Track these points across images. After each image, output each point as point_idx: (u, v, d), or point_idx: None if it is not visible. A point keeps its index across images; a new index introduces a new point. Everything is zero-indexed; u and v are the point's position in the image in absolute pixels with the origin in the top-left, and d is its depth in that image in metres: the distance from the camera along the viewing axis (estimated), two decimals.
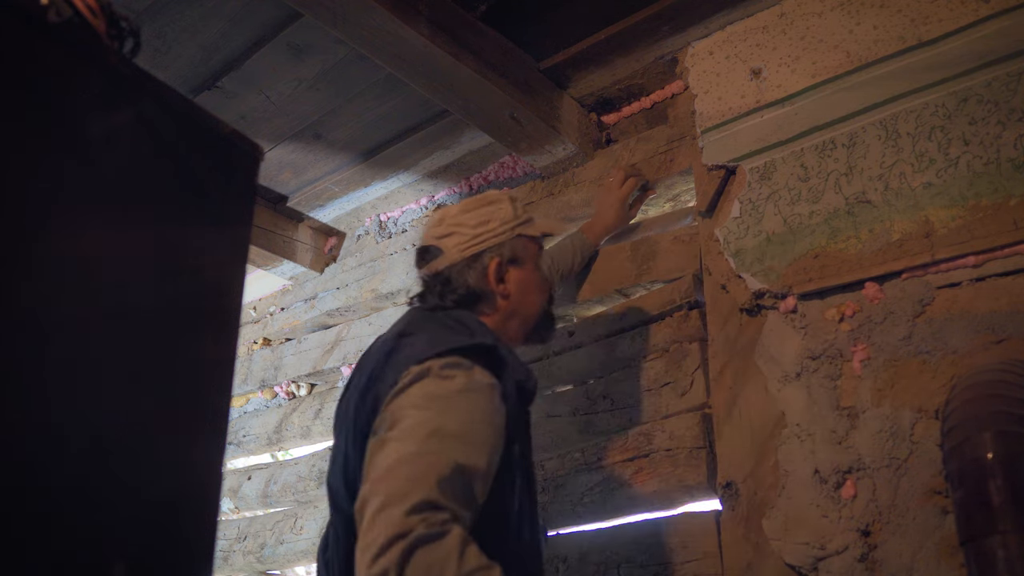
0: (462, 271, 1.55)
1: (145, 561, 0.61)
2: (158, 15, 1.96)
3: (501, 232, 1.58)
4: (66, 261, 0.60)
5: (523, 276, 1.60)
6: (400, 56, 1.87)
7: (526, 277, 1.61)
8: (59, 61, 0.61)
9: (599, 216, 2.08)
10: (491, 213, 1.59)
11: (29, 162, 0.58)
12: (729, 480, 1.67)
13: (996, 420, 1.30)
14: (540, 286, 1.64)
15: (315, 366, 2.75)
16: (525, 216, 1.64)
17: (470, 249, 1.56)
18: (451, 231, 1.58)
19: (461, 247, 1.56)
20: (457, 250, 1.56)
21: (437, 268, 1.57)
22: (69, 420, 0.58)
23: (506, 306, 1.58)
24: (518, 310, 1.60)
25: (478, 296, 1.55)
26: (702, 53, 2.00)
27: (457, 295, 1.54)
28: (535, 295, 1.63)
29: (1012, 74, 1.53)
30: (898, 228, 1.58)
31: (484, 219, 1.58)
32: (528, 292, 1.61)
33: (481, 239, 1.56)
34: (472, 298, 1.55)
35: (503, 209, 1.61)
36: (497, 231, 1.58)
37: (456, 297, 1.54)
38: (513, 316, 1.60)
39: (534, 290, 1.63)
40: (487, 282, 1.56)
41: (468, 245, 1.56)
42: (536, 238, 1.65)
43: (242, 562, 2.66)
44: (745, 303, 1.75)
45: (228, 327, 0.73)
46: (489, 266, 1.56)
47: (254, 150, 0.77)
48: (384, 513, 1.20)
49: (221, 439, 0.71)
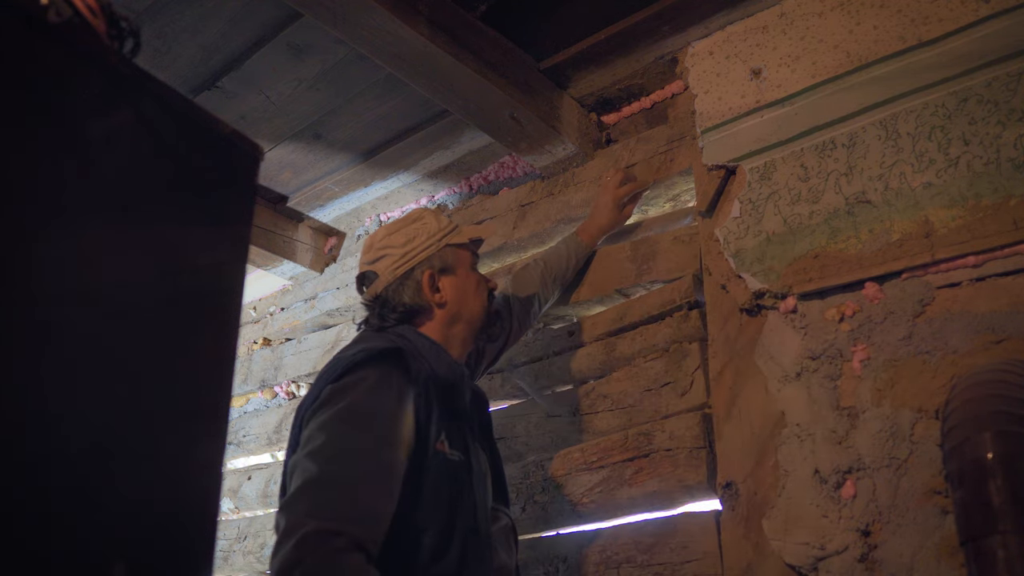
0: (397, 289, 1.63)
1: (145, 561, 0.61)
2: (158, 15, 1.96)
3: (428, 246, 1.65)
4: (66, 261, 0.60)
5: (456, 282, 1.67)
6: (400, 56, 1.87)
7: (460, 282, 1.68)
8: (59, 61, 0.61)
9: (594, 217, 2.09)
10: (416, 230, 1.67)
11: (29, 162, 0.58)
12: (729, 480, 1.67)
13: (996, 420, 1.30)
14: (477, 288, 1.71)
15: (315, 366, 2.74)
16: (451, 226, 1.71)
17: (401, 268, 1.64)
18: (381, 254, 1.66)
19: (393, 267, 1.64)
20: (390, 271, 1.64)
21: (376, 291, 1.65)
22: (69, 420, 0.58)
23: (445, 314, 1.65)
24: (460, 314, 1.67)
25: (416, 310, 1.63)
26: (702, 53, 2.00)
27: (397, 312, 1.62)
28: (473, 297, 1.70)
29: (1012, 74, 1.53)
30: (898, 228, 1.58)
31: (410, 236, 1.66)
32: (465, 295, 1.68)
33: (410, 256, 1.64)
34: (411, 313, 1.63)
35: (427, 224, 1.68)
36: (424, 245, 1.65)
37: (396, 315, 1.62)
38: (456, 321, 1.67)
39: (471, 292, 1.70)
40: (422, 295, 1.63)
41: (399, 264, 1.64)
42: (465, 245, 1.71)
43: (242, 562, 2.66)
44: (745, 303, 1.75)
45: (228, 327, 0.73)
46: (422, 280, 1.64)
47: (254, 150, 0.77)
48: (281, 544, 1.25)
49: (221, 439, 0.71)
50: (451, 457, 1.48)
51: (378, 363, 1.45)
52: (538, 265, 2.02)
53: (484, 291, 1.73)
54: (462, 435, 1.53)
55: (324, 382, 1.45)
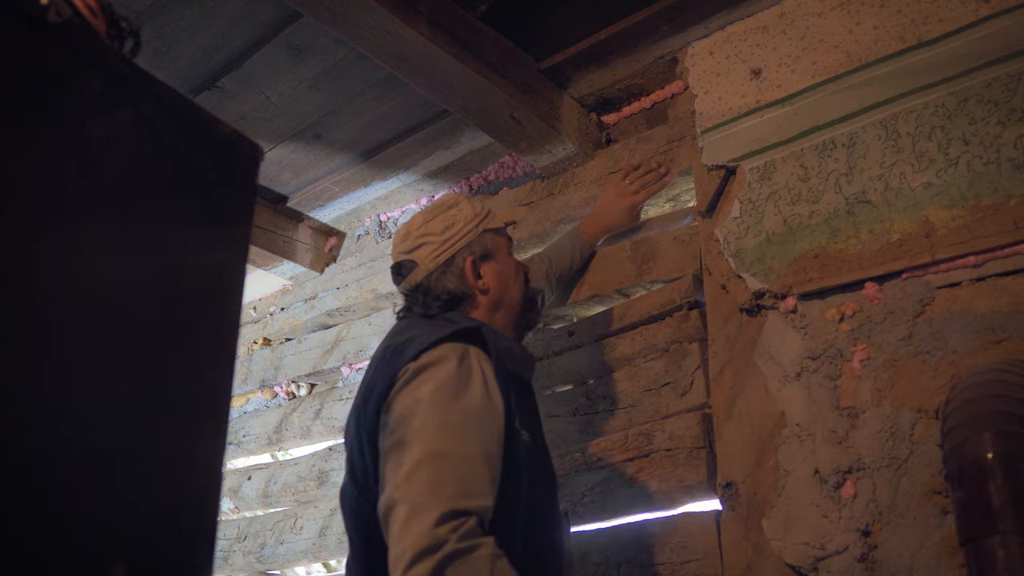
0: (440, 278, 1.60)
1: (145, 561, 0.61)
2: (158, 15, 1.96)
3: (467, 232, 1.63)
4: (66, 261, 0.60)
5: (498, 268, 1.66)
6: (400, 56, 1.87)
7: (501, 268, 1.67)
8: (59, 61, 0.61)
9: (601, 214, 2.08)
10: (454, 216, 1.64)
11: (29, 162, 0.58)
12: (729, 480, 1.67)
13: (996, 420, 1.30)
14: (516, 273, 1.71)
15: (315, 366, 2.75)
16: (484, 211, 1.69)
17: (443, 255, 1.61)
18: (420, 243, 1.63)
19: (434, 255, 1.61)
20: (430, 259, 1.61)
21: (416, 281, 1.62)
22: (69, 420, 0.58)
23: (488, 300, 1.63)
24: (502, 300, 1.66)
25: (460, 297, 1.60)
26: (702, 53, 2.00)
27: (441, 301, 1.59)
28: (514, 282, 1.69)
29: (1012, 74, 1.53)
30: (898, 228, 1.58)
31: (448, 223, 1.63)
32: (507, 281, 1.67)
33: (450, 243, 1.62)
34: (455, 300, 1.60)
35: (464, 210, 1.66)
36: (463, 232, 1.63)
37: (440, 303, 1.59)
38: (498, 307, 1.65)
39: (512, 278, 1.69)
40: (466, 282, 1.61)
41: (439, 252, 1.61)
42: (501, 229, 1.70)
43: (242, 562, 2.66)
44: (745, 303, 1.75)
45: (228, 327, 0.73)
46: (464, 267, 1.61)
47: (254, 150, 0.77)
48: (412, 524, 1.23)
49: (221, 439, 0.71)
50: (525, 438, 1.48)
51: (459, 341, 1.44)
52: (544, 262, 2.01)
53: (522, 276, 1.72)
54: (528, 415, 1.54)
55: (398, 364, 1.42)
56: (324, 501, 2.51)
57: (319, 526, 2.46)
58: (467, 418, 1.35)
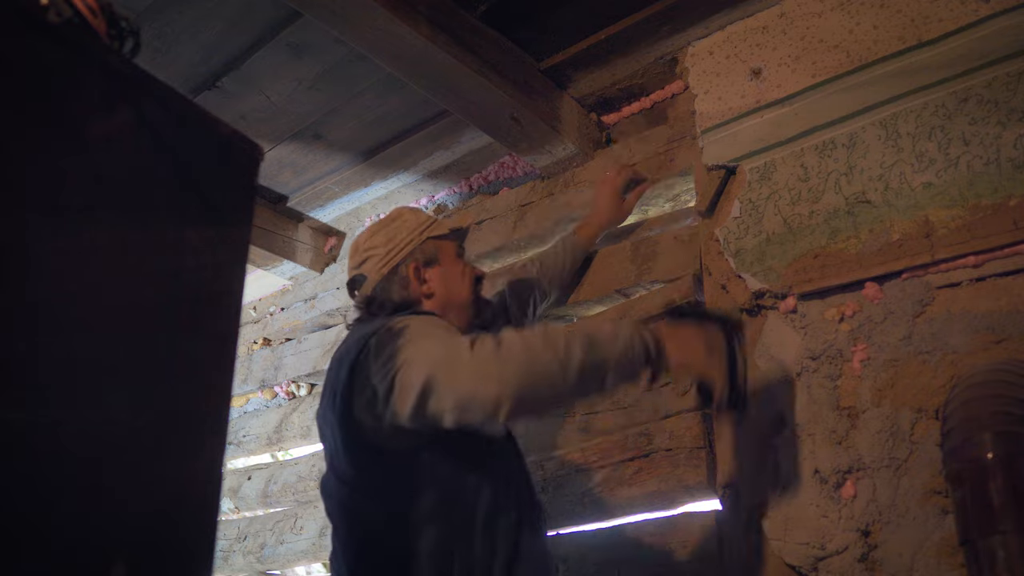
0: (386, 287, 1.67)
1: (145, 561, 0.61)
2: (158, 15, 1.95)
3: (409, 241, 1.69)
4: (66, 261, 0.60)
5: (441, 272, 1.71)
6: (400, 56, 1.87)
7: (445, 272, 1.71)
8: (59, 61, 0.61)
9: (593, 212, 2.08)
10: (396, 229, 1.71)
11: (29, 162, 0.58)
12: (729, 480, 1.67)
13: (996, 420, 1.30)
14: (462, 275, 1.75)
15: (315, 366, 2.74)
16: (430, 220, 1.75)
17: (387, 265, 1.67)
18: (366, 256, 1.70)
19: (379, 266, 1.67)
20: (376, 270, 1.67)
21: (367, 292, 1.68)
22: (69, 420, 0.58)
23: (435, 303, 1.68)
24: (449, 302, 1.70)
25: (407, 304, 1.66)
26: (702, 53, 2.00)
27: (388, 308, 1.64)
28: (459, 284, 1.73)
29: (1012, 74, 1.53)
30: (898, 228, 1.58)
31: (391, 235, 1.70)
32: (451, 284, 1.72)
33: (393, 253, 1.68)
34: (402, 307, 1.65)
35: (407, 221, 1.72)
36: (405, 241, 1.69)
37: (388, 311, 1.63)
38: (447, 309, 1.69)
39: (457, 280, 1.73)
40: (410, 288, 1.67)
41: (384, 263, 1.67)
42: (446, 236, 1.75)
43: (242, 562, 2.66)
44: (745, 303, 1.75)
45: (228, 327, 0.73)
46: (408, 273, 1.67)
47: (254, 150, 0.77)
48: (457, 360, 1.28)
49: (221, 439, 0.71)
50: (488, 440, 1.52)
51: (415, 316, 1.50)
52: (534, 265, 2.02)
53: (470, 278, 1.76)
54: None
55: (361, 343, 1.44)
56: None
57: (319, 526, 2.46)
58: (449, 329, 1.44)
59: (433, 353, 1.31)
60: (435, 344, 1.34)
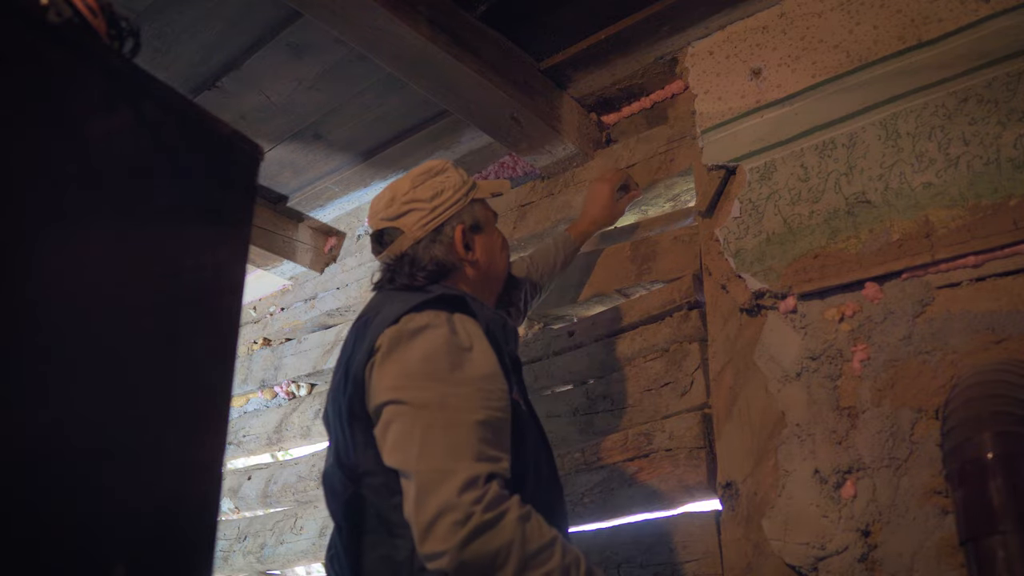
0: (428, 247, 1.51)
1: (145, 561, 0.61)
2: (158, 15, 1.96)
3: (457, 200, 1.55)
4: (66, 261, 0.60)
5: (487, 240, 1.59)
6: (400, 56, 1.87)
7: (489, 241, 1.60)
8: (59, 61, 0.61)
9: (586, 209, 2.06)
10: (442, 183, 1.55)
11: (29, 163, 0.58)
12: (729, 480, 1.67)
13: (996, 420, 1.30)
14: (502, 247, 1.65)
15: (315, 366, 2.75)
16: (471, 180, 1.62)
17: (432, 223, 1.52)
18: (407, 209, 1.53)
19: (422, 223, 1.52)
20: (418, 227, 1.52)
21: (401, 249, 1.52)
22: (69, 420, 0.58)
23: (476, 273, 1.56)
24: (488, 273, 1.59)
25: (448, 268, 1.52)
26: (702, 53, 2.00)
27: (427, 271, 1.50)
28: (499, 256, 1.63)
29: (1012, 74, 1.53)
30: (898, 228, 1.58)
31: (438, 190, 1.54)
32: (493, 254, 1.61)
33: (440, 211, 1.53)
34: (443, 271, 1.51)
35: (451, 177, 1.57)
36: (453, 200, 1.54)
37: (426, 274, 1.50)
38: (485, 281, 1.59)
39: (498, 251, 1.62)
40: (455, 253, 1.52)
41: (428, 220, 1.52)
42: (486, 201, 1.64)
43: (242, 562, 2.66)
44: (745, 303, 1.75)
45: (228, 327, 0.73)
46: (455, 236, 1.53)
47: (254, 150, 0.77)
48: (435, 493, 1.18)
49: (221, 439, 0.71)
50: (523, 406, 1.43)
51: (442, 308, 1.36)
52: (524, 262, 1.99)
53: (508, 251, 1.67)
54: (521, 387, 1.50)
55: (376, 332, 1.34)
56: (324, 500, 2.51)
57: (319, 526, 2.46)
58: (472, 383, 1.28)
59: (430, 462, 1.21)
60: (433, 446, 1.22)
